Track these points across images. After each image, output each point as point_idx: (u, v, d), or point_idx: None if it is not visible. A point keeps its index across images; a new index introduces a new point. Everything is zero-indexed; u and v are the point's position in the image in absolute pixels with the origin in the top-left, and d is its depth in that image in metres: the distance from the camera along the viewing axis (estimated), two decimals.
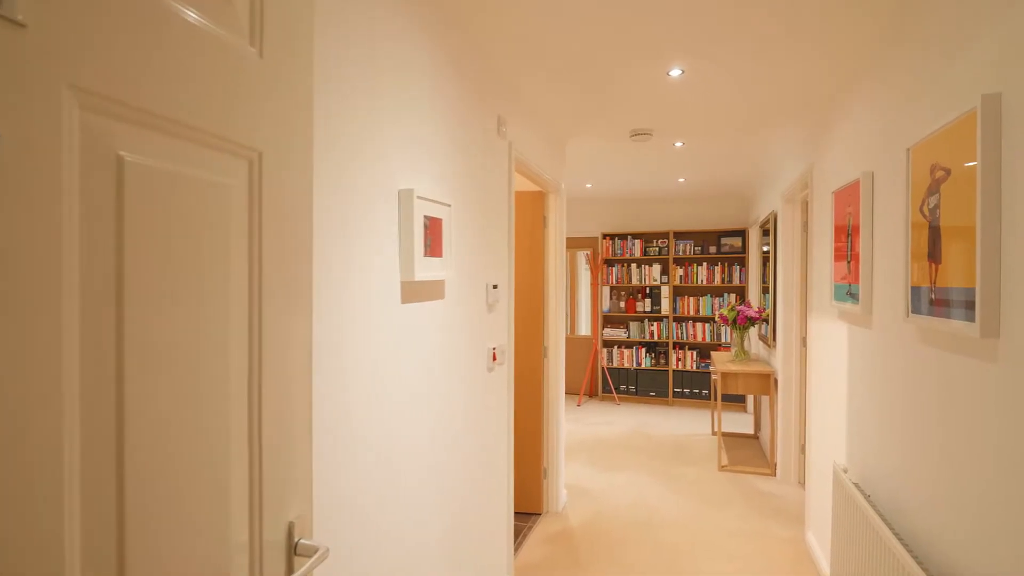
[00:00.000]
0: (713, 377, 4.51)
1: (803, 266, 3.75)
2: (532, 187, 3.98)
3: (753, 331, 5.16)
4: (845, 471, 2.13)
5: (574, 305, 6.78)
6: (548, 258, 3.66)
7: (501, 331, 2.48)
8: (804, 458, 3.76)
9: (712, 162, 4.33)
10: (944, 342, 1.43)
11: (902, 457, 1.69)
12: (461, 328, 2.01)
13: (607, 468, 4.18)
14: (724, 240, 6.12)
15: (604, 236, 6.51)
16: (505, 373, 2.53)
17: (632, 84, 2.58)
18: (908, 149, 1.61)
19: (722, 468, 4.10)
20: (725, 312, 4.44)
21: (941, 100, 1.48)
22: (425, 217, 1.62)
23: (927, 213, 1.48)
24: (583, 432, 5.14)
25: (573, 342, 6.93)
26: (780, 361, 3.87)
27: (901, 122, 1.75)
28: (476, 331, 2.16)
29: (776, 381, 4.06)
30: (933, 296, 1.42)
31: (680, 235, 6.44)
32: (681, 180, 5.11)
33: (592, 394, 6.77)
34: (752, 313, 4.29)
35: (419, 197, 1.58)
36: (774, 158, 4.11)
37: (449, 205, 1.79)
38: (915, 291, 1.54)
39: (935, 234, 1.43)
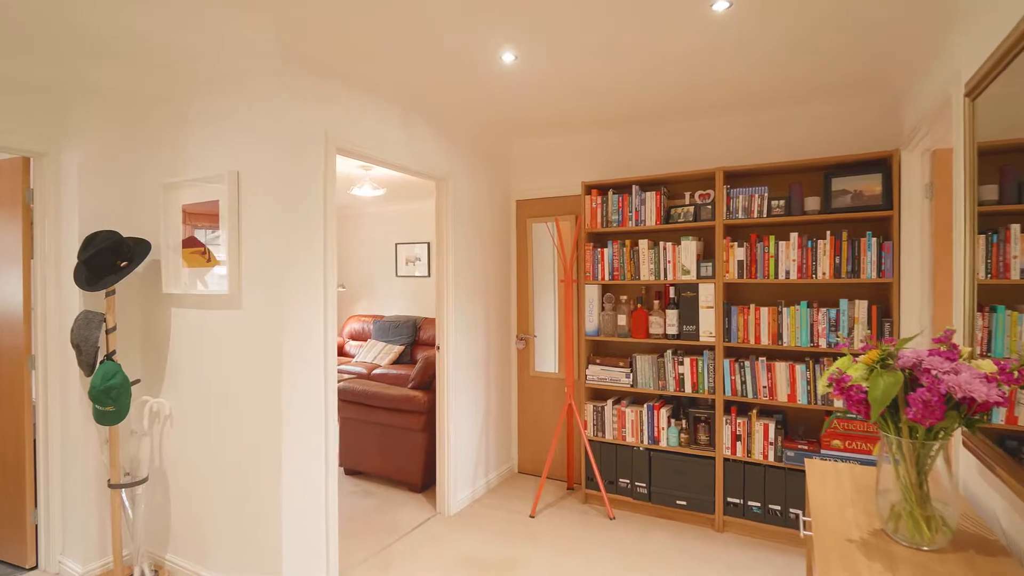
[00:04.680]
0: None
1: None
2: None
3: (956, 447, 1.83)
4: None
5: (526, 315, 3.71)
6: None
7: None
8: None
9: None
10: None
11: None
12: None
13: None
14: (839, 182, 2.79)
15: (589, 190, 3.40)
16: None
17: None
18: None
19: None
20: (856, 372, 1.25)
21: None
22: None
23: None
24: None
25: (533, 384, 3.87)
26: None
27: None
28: None
29: None
30: None
31: (738, 177, 3.18)
32: (720, 6, 1.94)
33: (571, 486, 3.66)
34: (971, 385, 1.08)
35: None
36: None
37: None
38: None
39: None
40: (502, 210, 3.86)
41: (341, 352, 6.74)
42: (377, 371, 5.63)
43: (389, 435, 3.63)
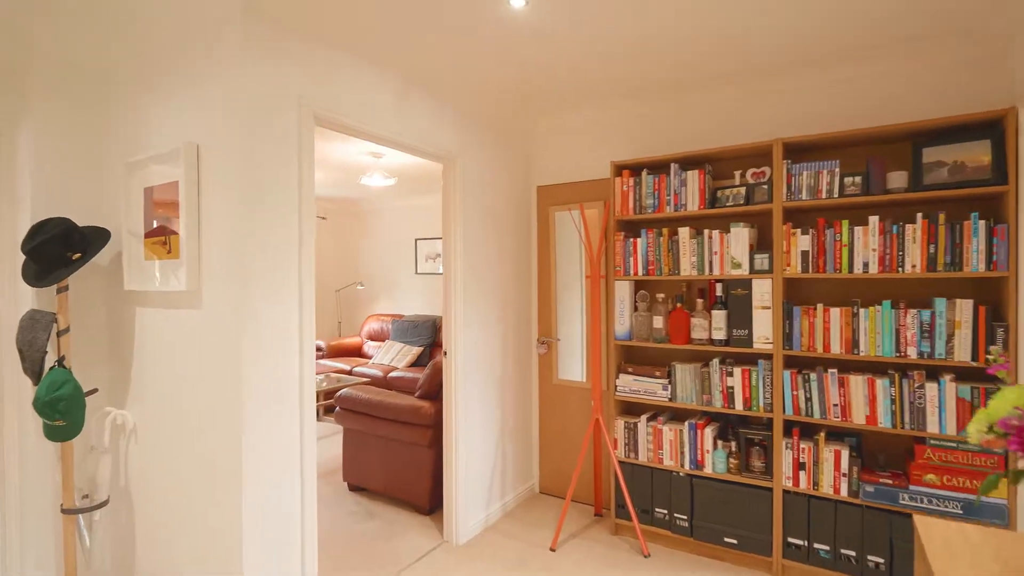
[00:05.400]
0: None
1: None
2: None
3: None
4: None
5: (548, 315, 3.19)
6: None
7: None
8: None
9: None
10: None
11: None
12: None
13: None
14: (933, 153, 2.24)
15: (619, 171, 2.93)
16: None
17: None
18: None
19: None
20: None
21: None
22: None
23: None
24: None
25: (557, 394, 3.42)
26: None
27: None
28: None
29: None
30: None
31: (802, 151, 2.65)
32: None
33: (599, 511, 3.20)
34: None
35: None
36: None
37: None
38: None
39: None
40: (520, 197, 3.43)
41: (359, 353, 6.44)
42: (393, 374, 5.29)
43: (394, 450, 3.25)
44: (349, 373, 5.65)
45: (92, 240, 2.17)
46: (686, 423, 2.71)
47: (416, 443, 3.10)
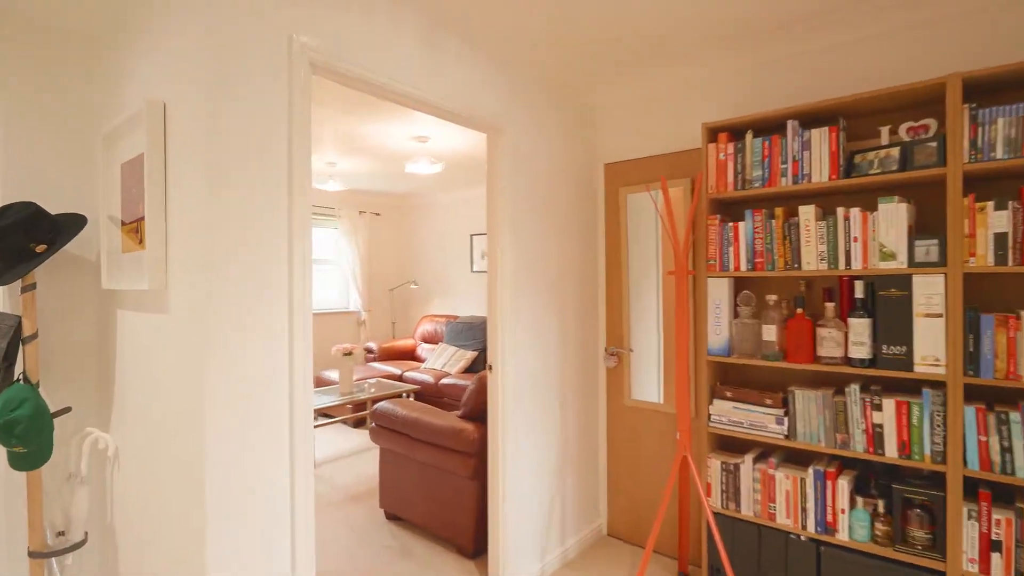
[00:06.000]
0: None
1: None
2: None
3: None
4: None
5: (618, 321, 2.51)
6: None
7: None
8: None
9: None
10: None
11: None
12: None
13: None
14: None
15: (714, 135, 2.25)
16: None
17: None
18: None
19: None
20: None
21: None
22: None
23: None
24: None
25: (630, 417, 2.78)
26: None
27: None
28: None
29: None
30: None
31: (994, 90, 1.86)
32: None
33: (684, 569, 2.53)
34: None
35: None
36: None
37: None
38: None
39: None
40: (583, 176, 2.82)
41: (412, 356, 6.07)
42: (445, 381, 4.84)
43: (434, 478, 2.75)
44: (399, 378, 5.26)
45: (63, 228, 1.81)
46: (810, 469, 2.01)
47: (458, 473, 2.58)
